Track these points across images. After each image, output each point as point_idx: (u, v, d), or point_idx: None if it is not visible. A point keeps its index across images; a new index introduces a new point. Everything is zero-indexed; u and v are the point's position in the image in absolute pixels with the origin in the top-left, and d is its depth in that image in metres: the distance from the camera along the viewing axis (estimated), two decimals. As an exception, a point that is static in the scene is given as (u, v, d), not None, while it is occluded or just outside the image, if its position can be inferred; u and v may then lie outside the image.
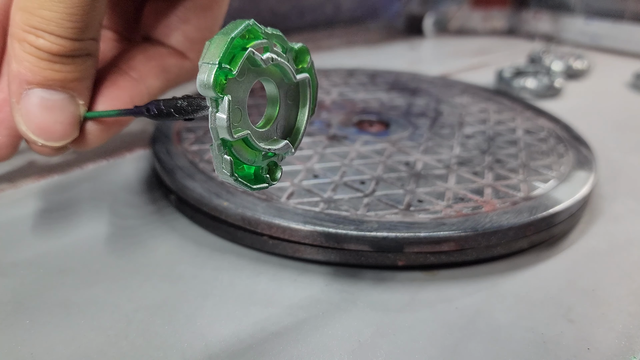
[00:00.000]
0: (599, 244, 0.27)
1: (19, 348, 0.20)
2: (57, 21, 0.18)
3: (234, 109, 0.16)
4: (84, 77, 0.21)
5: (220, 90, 0.16)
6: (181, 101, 0.18)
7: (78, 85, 0.20)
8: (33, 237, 0.26)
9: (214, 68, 0.15)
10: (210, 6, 0.25)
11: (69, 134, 0.21)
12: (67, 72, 0.20)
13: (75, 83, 0.20)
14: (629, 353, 0.20)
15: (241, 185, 0.17)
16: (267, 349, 0.20)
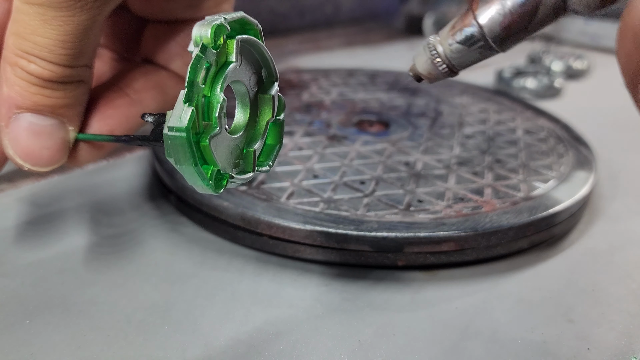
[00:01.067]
0: (599, 244, 0.27)
1: (19, 348, 0.20)
2: (50, 47, 0.18)
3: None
4: (75, 104, 0.20)
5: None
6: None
7: (68, 111, 0.20)
8: (33, 237, 0.26)
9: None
10: None
11: (56, 160, 0.20)
12: (58, 97, 0.19)
13: (66, 109, 0.20)
14: (629, 353, 0.20)
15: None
16: (267, 349, 0.20)
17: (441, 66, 0.18)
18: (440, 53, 0.18)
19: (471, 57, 0.18)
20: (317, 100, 0.40)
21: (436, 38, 0.18)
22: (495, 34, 0.17)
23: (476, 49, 0.18)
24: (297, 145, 0.32)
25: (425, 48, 0.18)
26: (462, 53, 0.18)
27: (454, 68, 0.18)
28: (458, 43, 0.18)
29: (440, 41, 0.18)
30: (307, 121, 0.36)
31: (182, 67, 0.24)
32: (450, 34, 0.18)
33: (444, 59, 0.18)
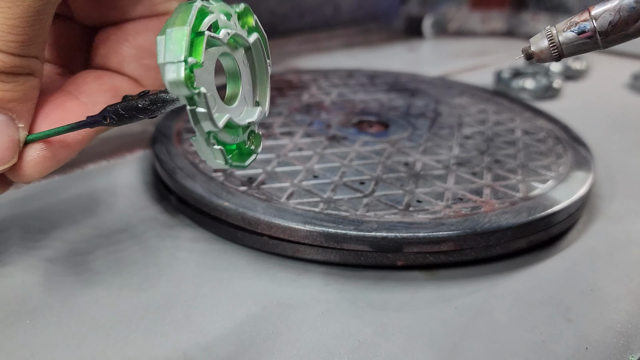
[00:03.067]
0: (598, 244, 0.27)
1: (19, 348, 0.20)
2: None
3: (208, 97, 0.16)
4: (25, 99, 0.19)
5: (192, 85, 0.15)
6: (142, 101, 0.17)
7: (18, 106, 0.19)
8: (33, 237, 0.26)
9: (181, 66, 0.15)
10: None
11: (5, 160, 0.19)
12: (6, 90, 0.18)
13: (15, 104, 0.18)
14: (627, 352, 0.20)
15: (236, 168, 0.17)
16: (267, 349, 0.20)
17: (554, 50, 0.22)
18: (556, 39, 0.22)
19: (578, 47, 0.22)
20: (317, 100, 0.40)
21: (553, 27, 0.22)
22: (603, 29, 0.21)
23: (584, 40, 0.22)
24: (297, 146, 0.32)
25: (543, 34, 0.23)
26: (572, 41, 0.22)
27: (562, 53, 0.22)
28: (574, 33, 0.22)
29: (557, 30, 0.22)
30: (307, 122, 0.36)
31: (135, 69, 0.23)
32: (567, 25, 0.22)
33: (557, 44, 0.22)
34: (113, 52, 0.23)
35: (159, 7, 0.23)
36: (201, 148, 0.16)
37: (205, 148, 0.16)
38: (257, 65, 0.19)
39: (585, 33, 0.22)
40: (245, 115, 0.18)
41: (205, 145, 0.16)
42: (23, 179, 0.19)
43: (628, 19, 0.21)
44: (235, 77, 0.18)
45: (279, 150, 0.31)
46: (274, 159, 0.30)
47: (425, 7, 0.75)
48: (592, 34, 0.22)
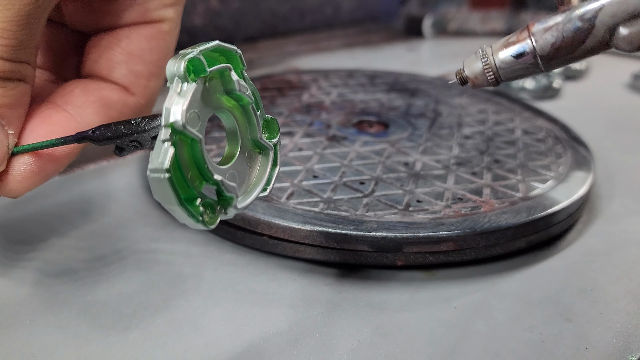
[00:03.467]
0: (597, 244, 0.27)
1: (20, 348, 0.20)
2: None
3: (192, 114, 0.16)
4: (15, 104, 0.19)
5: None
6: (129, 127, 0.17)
7: (8, 112, 0.18)
8: (33, 238, 0.26)
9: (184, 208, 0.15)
10: (156, 38, 0.23)
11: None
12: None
13: (5, 109, 0.18)
14: (626, 352, 0.20)
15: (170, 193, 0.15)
16: (267, 349, 0.20)
17: (489, 74, 0.20)
18: (491, 62, 0.20)
19: (517, 71, 0.20)
20: (317, 101, 0.40)
21: (489, 48, 0.20)
22: (545, 52, 0.19)
23: (524, 64, 0.20)
24: (297, 146, 0.32)
25: (477, 55, 0.20)
26: (510, 66, 0.20)
27: (499, 78, 0.20)
28: (510, 56, 0.20)
29: (493, 52, 0.20)
30: (307, 122, 0.36)
31: (125, 76, 0.23)
32: (504, 47, 0.20)
33: (493, 69, 0.20)
34: (104, 57, 0.23)
35: (152, 14, 0.23)
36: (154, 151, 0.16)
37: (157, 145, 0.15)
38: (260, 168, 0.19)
39: (525, 57, 0.19)
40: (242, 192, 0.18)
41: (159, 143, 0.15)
42: (9, 193, 0.19)
43: (573, 41, 0.19)
44: (233, 136, 0.18)
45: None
46: (274, 159, 0.30)
47: (425, 7, 0.75)
48: (532, 57, 0.19)
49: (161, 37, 0.23)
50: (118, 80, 0.23)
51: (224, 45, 0.17)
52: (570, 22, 0.19)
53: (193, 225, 0.16)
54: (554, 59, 0.19)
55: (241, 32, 0.60)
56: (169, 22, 0.23)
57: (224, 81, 0.17)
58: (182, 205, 0.15)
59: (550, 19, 0.19)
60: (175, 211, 0.16)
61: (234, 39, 0.60)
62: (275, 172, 0.19)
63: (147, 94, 0.23)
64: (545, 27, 0.19)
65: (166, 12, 0.23)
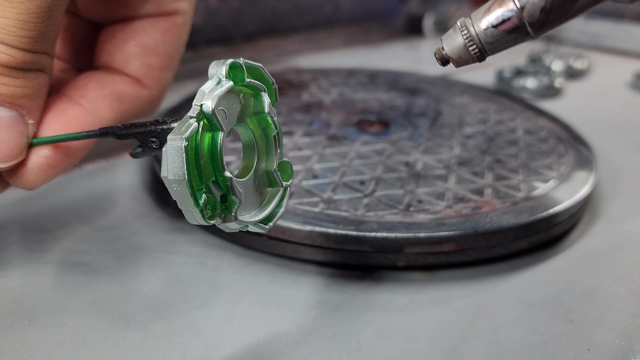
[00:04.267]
0: (599, 244, 0.27)
1: (17, 349, 0.19)
2: (9, 29, 0.17)
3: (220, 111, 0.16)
4: (35, 95, 0.19)
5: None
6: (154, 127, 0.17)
7: (28, 102, 0.19)
8: (32, 238, 0.26)
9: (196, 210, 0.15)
10: (171, 30, 0.23)
11: (14, 155, 0.19)
12: (17, 86, 0.18)
13: (25, 100, 0.18)
14: (629, 354, 0.20)
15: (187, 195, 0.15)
16: (266, 350, 0.20)
17: (473, 49, 0.17)
18: (473, 35, 0.17)
19: (505, 42, 0.17)
20: (317, 100, 0.40)
21: (468, 20, 0.17)
22: (535, 19, 0.16)
23: (511, 33, 0.17)
24: (296, 145, 0.32)
25: (456, 29, 0.18)
26: (496, 37, 0.17)
27: (485, 52, 0.18)
28: (493, 26, 0.17)
29: (473, 23, 0.17)
30: (306, 121, 0.36)
31: (139, 69, 0.23)
32: (485, 16, 0.17)
33: (477, 42, 0.17)
34: (118, 49, 0.23)
35: (168, 7, 0.23)
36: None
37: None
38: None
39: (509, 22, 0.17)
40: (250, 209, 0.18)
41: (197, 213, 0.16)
42: (25, 185, 0.19)
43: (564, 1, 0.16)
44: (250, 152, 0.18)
45: (279, 150, 0.31)
46: (274, 158, 0.30)
47: (425, 6, 0.75)
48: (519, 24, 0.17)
49: (175, 29, 0.24)
50: (132, 72, 0.23)
51: (266, 72, 0.18)
52: None
53: (191, 208, 0.16)
54: (545, 24, 0.17)
55: (240, 31, 0.60)
56: (183, 15, 0.24)
57: (256, 102, 0.18)
58: (189, 182, 0.15)
59: None
60: (181, 186, 0.15)
61: (233, 37, 0.59)
62: (279, 212, 0.19)
63: (159, 86, 0.24)
64: None
65: (180, 5, 0.23)
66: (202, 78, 0.19)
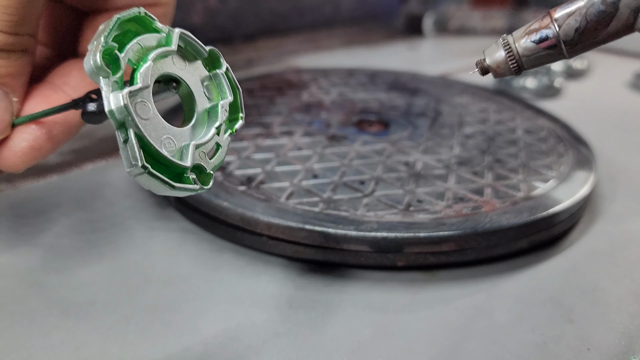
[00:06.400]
0: (599, 244, 0.27)
1: (17, 349, 0.19)
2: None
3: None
4: (19, 74, 0.20)
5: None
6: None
7: (12, 81, 0.19)
8: (32, 237, 0.26)
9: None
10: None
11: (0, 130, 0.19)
12: (1, 67, 0.19)
13: (9, 79, 0.19)
14: (629, 353, 0.20)
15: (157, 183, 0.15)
16: (266, 349, 0.20)
17: (512, 63, 0.19)
18: (514, 50, 0.19)
19: (540, 59, 0.19)
20: (316, 100, 0.40)
21: (510, 36, 0.20)
22: (569, 38, 0.19)
23: (547, 50, 0.19)
24: (296, 145, 0.32)
25: (499, 44, 0.20)
26: (534, 53, 0.19)
27: (522, 66, 0.20)
28: (532, 42, 0.19)
29: (515, 39, 0.20)
30: (306, 121, 0.36)
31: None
32: (526, 34, 0.19)
33: (516, 56, 0.19)
34: None
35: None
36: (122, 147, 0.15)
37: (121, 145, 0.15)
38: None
39: (548, 41, 0.19)
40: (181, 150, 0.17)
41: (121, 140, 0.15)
42: (10, 167, 0.20)
43: (597, 25, 0.18)
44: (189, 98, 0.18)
45: (279, 150, 0.31)
46: (274, 158, 0.30)
47: (425, 6, 0.75)
48: (556, 42, 0.19)
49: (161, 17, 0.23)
50: None
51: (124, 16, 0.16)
52: (593, 6, 0.18)
53: (195, 193, 0.16)
54: (578, 44, 0.19)
55: (240, 31, 0.60)
56: (165, 6, 0.24)
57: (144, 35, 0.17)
58: (174, 188, 0.16)
59: (572, 4, 0.19)
60: (174, 193, 0.16)
61: (233, 37, 0.59)
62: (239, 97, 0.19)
63: None
64: (567, 12, 0.19)
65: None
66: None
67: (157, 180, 0.15)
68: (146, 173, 0.15)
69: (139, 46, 0.16)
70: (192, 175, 0.17)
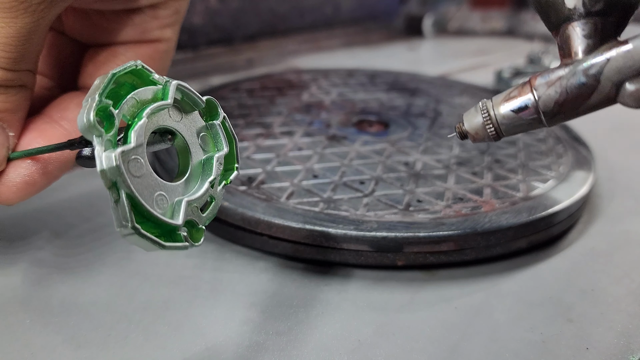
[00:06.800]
0: (598, 244, 0.27)
1: (19, 348, 0.20)
2: None
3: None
4: (17, 109, 0.20)
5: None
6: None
7: (9, 116, 0.19)
8: (32, 236, 0.26)
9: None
10: (153, 57, 0.24)
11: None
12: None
13: (7, 114, 0.19)
14: (627, 352, 0.20)
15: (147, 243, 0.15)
16: (267, 349, 0.20)
17: (490, 129, 0.19)
18: (492, 117, 0.19)
19: (519, 127, 0.19)
20: (316, 100, 0.40)
21: (489, 102, 0.19)
22: (548, 109, 0.18)
23: (526, 119, 0.19)
24: (296, 146, 0.32)
25: (477, 109, 0.20)
26: (512, 121, 0.19)
27: (501, 133, 0.19)
28: (511, 111, 0.19)
29: (494, 106, 0.19)
30: (306, 121, 0.36)
31: None
32: (505, 101, 0.19)
33: (494, 123, 0.19)
34: (100, 71, 0.23)
35: (150, 34, 0.23)
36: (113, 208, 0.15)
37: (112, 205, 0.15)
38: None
39: (526, 110, 0.19)
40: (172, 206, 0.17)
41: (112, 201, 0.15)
42: (3, 201, 0.20)
43: (577, 98, 0.18)
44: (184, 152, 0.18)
45: (279, 150, 0.31)
46: (274, 158, 0.30)
47: (425, 7, 0.75)
48: (535, 113, 0.18)
49: (158, 56, 0.24)
50: None
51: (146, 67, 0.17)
52: (574, 77, 0.18)
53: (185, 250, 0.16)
54: (557, 115, 0.18)
55: (240, 31, 0.60)
56: (167, 42, 0.24)
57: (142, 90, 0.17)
58: (164, 247, 0.15)
59: (553, 73, 0.18)
60: (165, 251, 0.16)
61: (233, 38, 0.59)
62: (235, 147, 0.19)
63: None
64: (548, 82, 0.18)
65: (164, 33, 0.24)
66: (202, 78, 0.19)
67: (147, 240, 0.15)
68: (136, 234, 0.15)
69: (135, 100, 0.16)
70: (184, 233, 0.16)
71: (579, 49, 0.18)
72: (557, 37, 0.19)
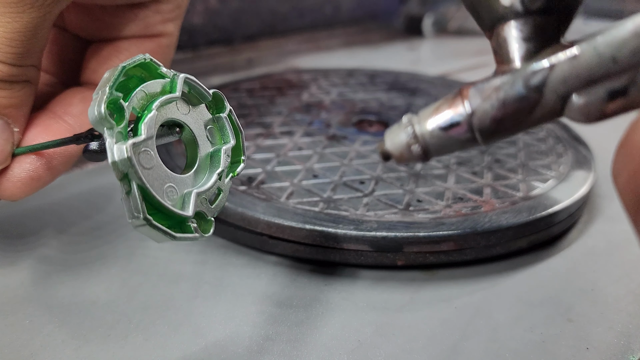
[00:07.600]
0: (598, 244, 0.27)
1: (19, 348, 0.20)
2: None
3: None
4: (21, 104, 0.20)
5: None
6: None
7: (14, 111, 0.20)
8: (32, 236, 0.26)
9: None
10: (156, 51, 0.24)
11: (0, 160, 0.19)
12: (4, 97, 0.19)
13: (11, 109, 0.20)
14: (627, 352, 0.20)
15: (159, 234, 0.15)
16: (266, 349, 0.20)
17: (415, 149, 0.16)
18: (418, 134, 0.16)
19: (450, 146, 0.16)
20: (316, 100, 0.40)
21: (415, 117, 0.17)
22: (484, 126, 0.15)
23: (458, 137, 0.16)
24: (296, 145, 0.32)
25: (400, 126, 0.16)
26: (442, 140, 0.16)
27: (429, 154, 0.16)
28: (440, 129, 0.16)
29: (420, 121, 0.16)
30: (306, 121, 0.36)
31: None
32: (433, 116, 0.16)
33: (421, 142, 0.16)
34: (102, 67, 0.23)
35: (153, 29, 0.23)
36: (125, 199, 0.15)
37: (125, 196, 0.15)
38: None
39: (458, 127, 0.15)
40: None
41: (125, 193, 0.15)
42: (8, 196, 0.20)
43: (517, 113, 0.15)
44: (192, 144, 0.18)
45: (279, 150, 0.31)
46: (274, 158, 0.30)
47: (425, 6, 0.75)
48: (468, 131, 0.15)
49: (160, 51, 0.24)
50: None
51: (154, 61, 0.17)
52: (512, 89, 0.15)
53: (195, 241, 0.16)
54: (495, 133, 0.15)
55: (240, 31, 0.60)
56: (169, 37, 0.24)
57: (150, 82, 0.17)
58: (175, 238, 0.16)
59: (488, 82, 0.15)
60: (176, 242, 0.16)
61: (233, 38, 0.59)
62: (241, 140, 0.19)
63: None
64: (482, 94, 0.15)
65: (166, 27, 0.24)
66: (202, 78, 0.19)
67: (158, 232, 0.15)
68: (148, 225, 0.15)
69: (144, 93, 0.16)
70: (194, 224, 0.17)
71: (516, 55, 0.15)
72: (491, 39, 0.16)
